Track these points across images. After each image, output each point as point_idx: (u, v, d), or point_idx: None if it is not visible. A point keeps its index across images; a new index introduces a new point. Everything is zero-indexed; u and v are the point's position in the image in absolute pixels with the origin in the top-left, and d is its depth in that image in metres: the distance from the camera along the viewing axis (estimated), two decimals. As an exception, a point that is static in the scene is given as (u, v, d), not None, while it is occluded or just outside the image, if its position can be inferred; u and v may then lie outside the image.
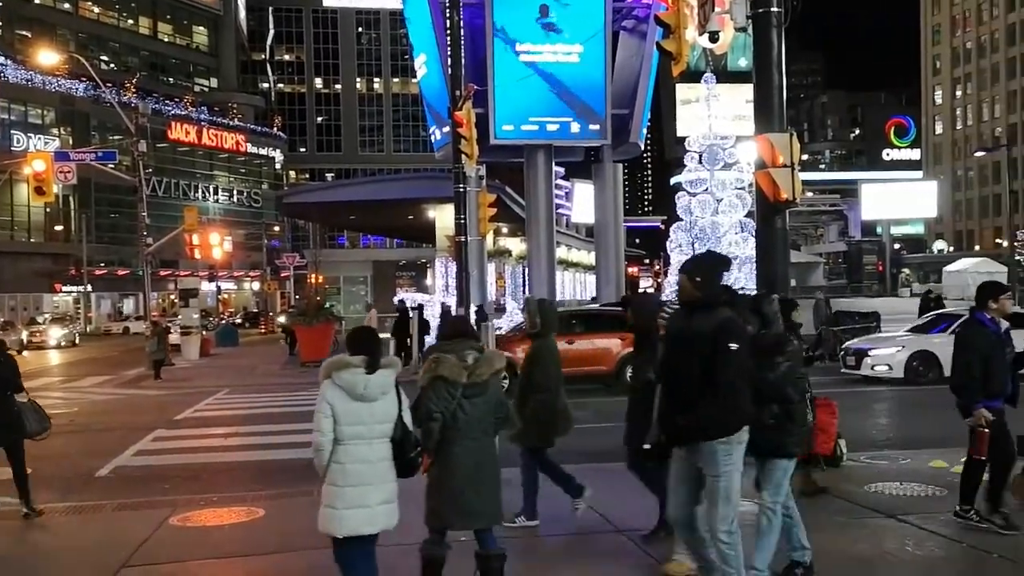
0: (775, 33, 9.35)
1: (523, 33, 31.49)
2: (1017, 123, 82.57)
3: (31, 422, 8.48)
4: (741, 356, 4.74)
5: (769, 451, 5.43)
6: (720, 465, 4.87)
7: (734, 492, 4.89)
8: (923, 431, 12.17)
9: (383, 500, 4.76)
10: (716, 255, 5.26)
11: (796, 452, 5.53)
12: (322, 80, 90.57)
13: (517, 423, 6.26)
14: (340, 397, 4.65)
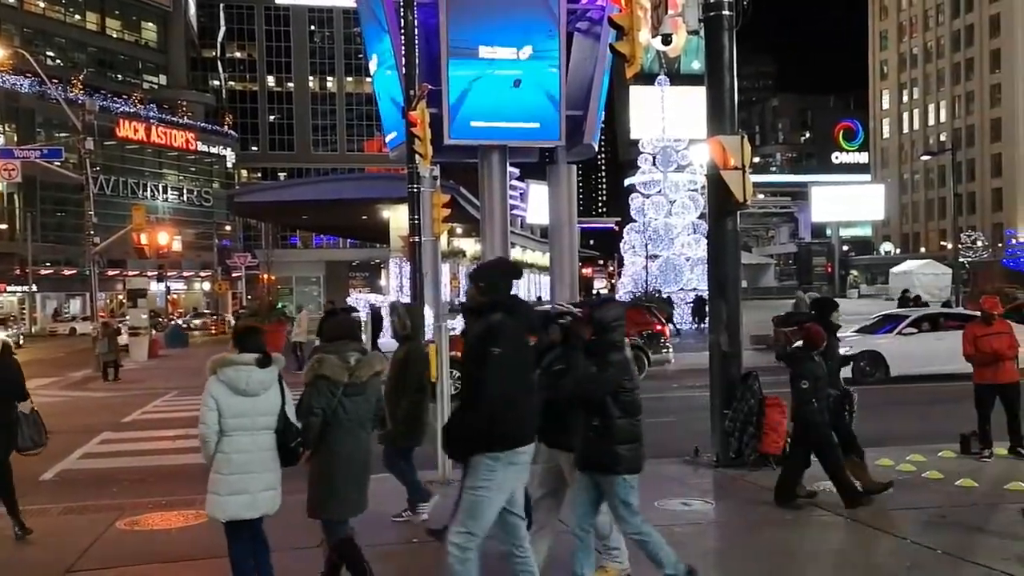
0: (727, 36, 9.46)
1: (477, 33, 31.47)
2: (961, 127, 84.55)
3: (25, 436, 7.64)
4: (506, 363, 4.50)
5: (584, 465, 5.28)
6: (478, 478, 4.60)
7: (485, 511, 4.62)
8: (870, 430, 12.35)
9: (265, 487, 5.14)
10: (504, 262, 5.06)
11: (619, 470, 5.19)
12: (274, 78, 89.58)
13: (388, 423, 6.38)
14: (224, 392, 5.02)
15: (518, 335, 4.66)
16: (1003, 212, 78.91)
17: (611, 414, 5.14)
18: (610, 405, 5.14)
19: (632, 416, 5.24)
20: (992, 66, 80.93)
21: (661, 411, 15.12)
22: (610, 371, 5.15)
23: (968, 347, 9.65)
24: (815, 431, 7.59)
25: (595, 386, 5.17)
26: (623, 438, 5.17)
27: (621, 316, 5.33)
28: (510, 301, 4.73)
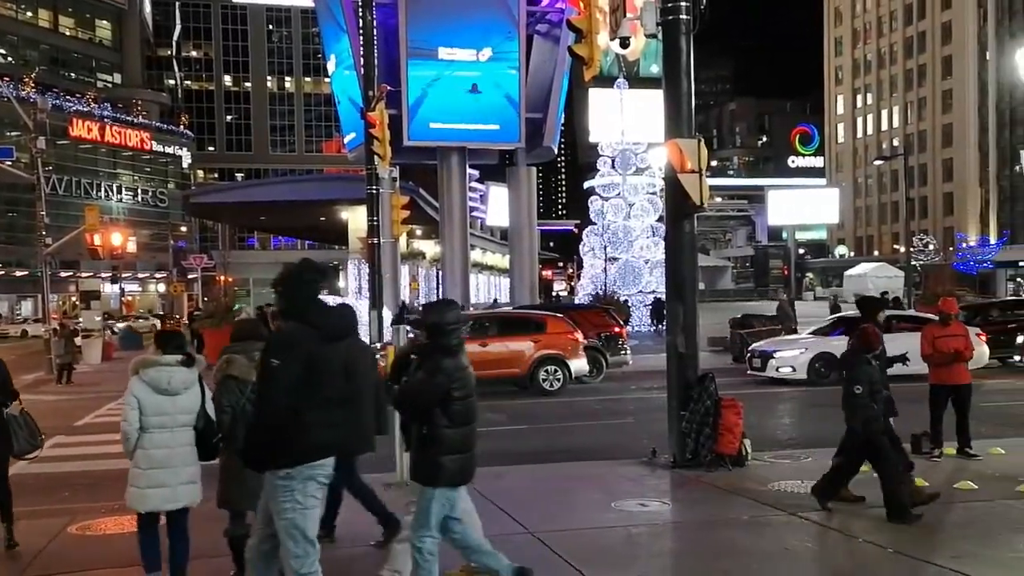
0: (684, 40, 9.53)
1: (437, 35, 31.43)
2: (914, 133, 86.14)
3: (20, 439, 7.29)
4: (289, 374, 4.32)
5: (412, 474, 5.14)
6: (279, 503, 4.46)
7: (306, 530, 4.49)
8: (824, 431, 12.53)
9: (185, 481, 5.45)
10: (304, 265, 4.75)
11: (439, 483, 4.99)
12: (231, 78, 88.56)
13: None
14: (146, 391, 5.33)
15: (310, 344, 4.40)
16: (954, 216, 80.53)
17: (437, 423, 4.90)
18: (437, 414, 4.89)
19: (462, 425, 4.98)
20: (944, 72, 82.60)
21: (619, 412, 15.23)
22: (438, 378, 4.88)
23: (927, 347, 9.82)
24: (873, 440, 7.23)
25: (419, 395, 4.96)
26: (449, 448, 4.93)
27: (457, 319, 5.04)
28: (304, 307, 4.52)
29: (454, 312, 5.09)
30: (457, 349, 5.02)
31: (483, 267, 66.45)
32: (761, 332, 22.66)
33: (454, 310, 5.13)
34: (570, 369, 17.63)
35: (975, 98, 78.18)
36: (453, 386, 4.91)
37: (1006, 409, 14.19)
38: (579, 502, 8.09)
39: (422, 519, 5.02)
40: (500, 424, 14.36)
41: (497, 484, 8.82)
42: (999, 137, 75.57)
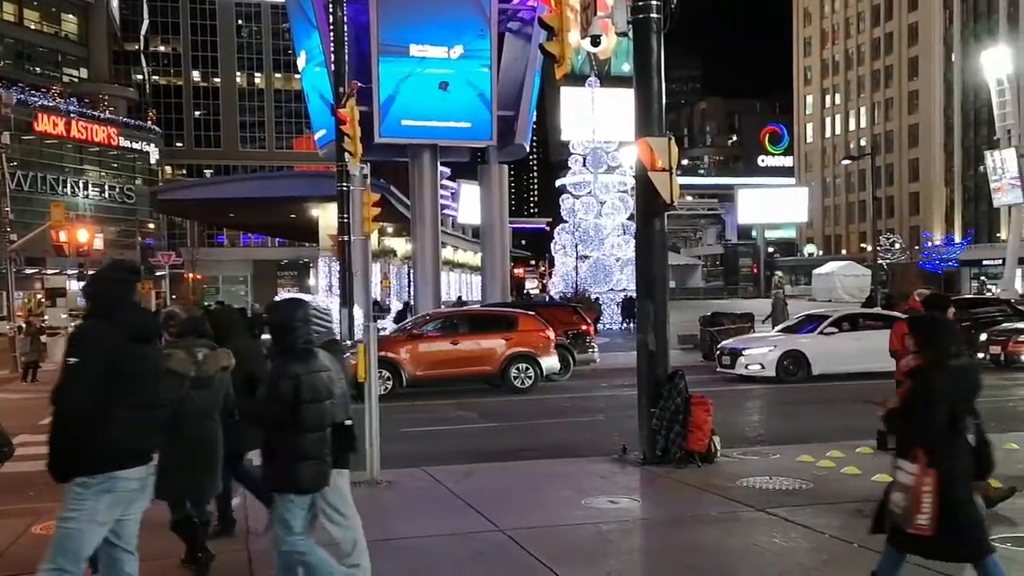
0: (655, 39, 9.57)
1: (408, 32, 31.32)
2: (881, 133, 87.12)
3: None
4: (88, 373, 4.15)
5: (267, 484, 5.02)
6: (66, 507, 4.26)
7: (75, 545, 4.29)
8: (792, 427, 12.70)
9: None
10: (114, 265, 4.60)
11: (292, 489, 4.86)
12: (200, 73, 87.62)
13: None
14: None
15: (113, 343, 4.23)
16: (920, 215, 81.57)
17: (289, 429, 4.78)
18: (288, 420, 4.75)
19: (314, 431, 4.84)
20: (910, 73, 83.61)
21: (590, 410, 15.28)
22: (283, 385, 4.72)
23: (896, 343, 9.90)
24: None
25: (265, 406, 4.83)
26: (303, 455, 4.80)
27: (305, 318, 4.88)
28: (110, 306, 4.35)
29: (302, 311, 4.92)
30: (305, 351, 4.85)
31: (454, 265, 66.35)
32: (730, 330, 22.83)
33: (302, 309, 4.96)
34: (541, 367, 17.65)
35: (941, 99, 79.23)
36: (302, 391, 4.73)
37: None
38: (549, 499, 8.10)
39: (286, 528, 4.88)
40: (471, 422, 14.37)
41: (467, 481, 8.83)
42: (964, 138, 76.67)
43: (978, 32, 73.37)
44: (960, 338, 4.93)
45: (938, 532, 4.48)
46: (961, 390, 4.61)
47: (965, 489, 4.57)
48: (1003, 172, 55.37)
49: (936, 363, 4.61)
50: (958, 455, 4.57)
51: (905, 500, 4.55)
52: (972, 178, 74.16)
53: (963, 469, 4.60)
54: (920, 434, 4.55)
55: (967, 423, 4.65)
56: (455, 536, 6.96)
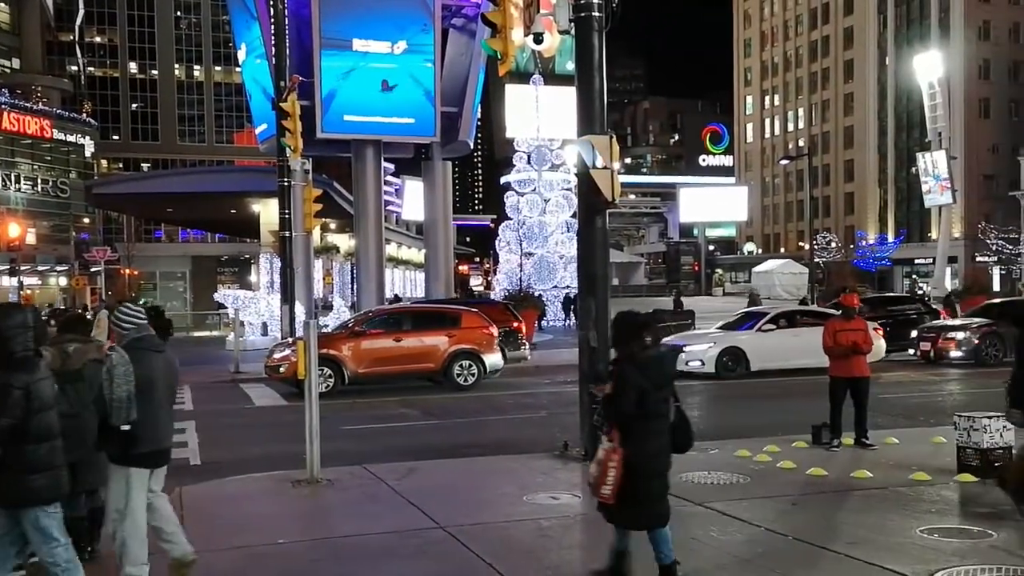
0: (596, 37, 9.62)
1: (351, 26, 31.04)
2: (818, 134, 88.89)
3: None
4: None
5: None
6: None
7: None
8: (730, 423, 12.89)
9: None
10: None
11: (34, 501, 4.70)
12: (137, 65, 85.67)
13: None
14: None
15: None
16: (854, 215, 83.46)
17: (18, 441, 4.59)
18: (18, 431, 4.57)
19: (45, 441, 4.71)
20: (846, 76, 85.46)
21: (532, 406, 15.34)
22: (12, 396, 4.54)
23: (828, 340, 10.14)
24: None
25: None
26: (35, 467, 4.65)
27: (23, 324, 4.69)
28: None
29: (20, 317, 4.73)
30: (26, 358, 4.68)
31: (398, 261, 66.00)
32: (671, 327, 23.10)
33: (21, 315, 4.75)
34: (485, 364, 17.63)
35: (875, 102, 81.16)
36: (29, 401, 4.59)
37: (901, 401, 14.79)
38: (491, 496, 8.11)
39: (44, 537, 4.74)
40: (413, 419, 14.31)
41: (409, 479, 8.79)
42: (897, 139, 78.64)
43: (910, 37, 75.32)
44: (656, 332, 5.57)
45: (620, 502, 5.13)
46: (651, 379, 5.20)
47: (649, 467, 5.19)
48: (934, 174, 56.88)
49: (627, 356, 5.27)
50: (646, 437, 5.18)
51: (596, 472, 5.20)
52: (905, 179, 76.11)
53: (651, 449, 5.20)
54: (614, 417, 5.23)
55: (662, 408, 5.26)
56: (396, 534, 6.93)
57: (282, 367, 17.02)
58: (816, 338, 10.74)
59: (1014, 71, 70.84)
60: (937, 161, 62.69)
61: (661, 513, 5.30)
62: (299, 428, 9.01)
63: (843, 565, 5.94)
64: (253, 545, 6.72)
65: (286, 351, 17.33)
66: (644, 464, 5.16)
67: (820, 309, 20.54)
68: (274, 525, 7.36)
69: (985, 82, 71.68)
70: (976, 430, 8.22)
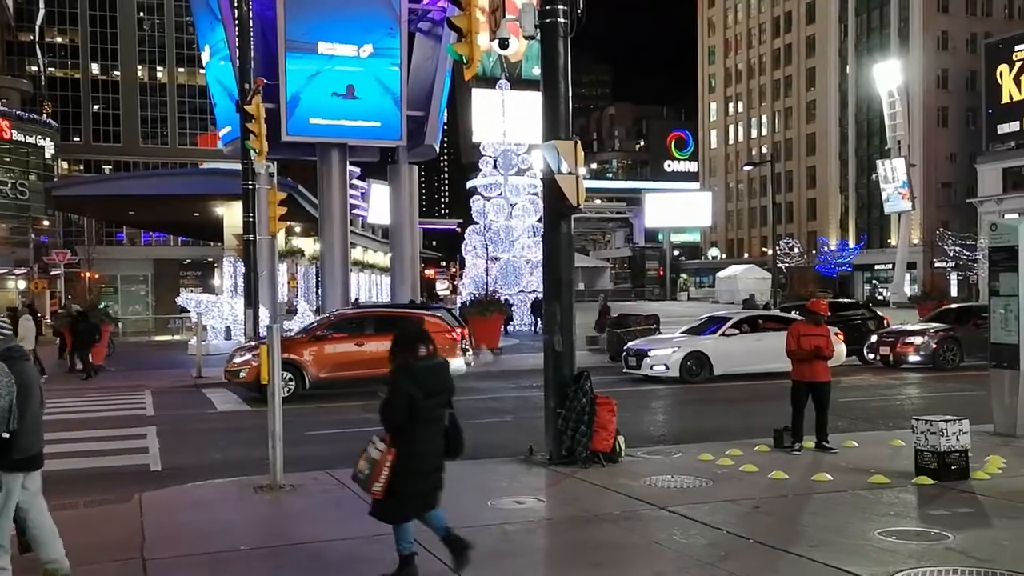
0: (562, 43, 9.67)
1: (316, 28, 30.87)
2: (781, 141, 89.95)
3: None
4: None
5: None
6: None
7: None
8: (694, 427, 12.99)
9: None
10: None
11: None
12: (99, 66, 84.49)
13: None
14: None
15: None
16: (816, 221, 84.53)
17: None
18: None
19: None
20: (808, 84, 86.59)
21: (498, 411, 15.34)
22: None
23: (792, 343, 10.26)
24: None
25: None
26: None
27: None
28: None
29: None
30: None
31: (364, 265, 65.66)
32: (636, 331, 23.22)
33: None
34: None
35: (836, 109, 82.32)
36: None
37: (861, 404, 15.00)
38: (455, 501, 8.06)
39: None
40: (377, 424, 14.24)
41: (373, 485, 8.75)
42: (858, 147, 79.81)
43: (871, 46, 76.53)
44: (431, 344, 5.88)
45: (387, 497, 5.58)
46: (423, 387, 5.60)
47: (415, 467, 5.62)
48: (893, 181, 57.71)
49: (401, 365, 5.70)
50: (415, 440, 5.60)
51: (368, 469, 5.61)
52: (865, 186, 77.27)
53: (419, 451, 5.63)
54: (388, 421, 5.63)
55: (433, 415, 5.68)
56: (359, 540, 6.89)
57: (242, 372, 16.86)
58: (779, 343, 10.87)
59: (971, 81, 72.20)
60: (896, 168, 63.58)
61: (416, 508, 5.75)
62: (262, 433, 8.94)
63: (803, 567, 6.01)
64: (215, 551, 6.65)
65: (247, 355, 17.16)
66: (411, 464, 5.58)
67: (783, 314, 20.74)
68: (237, 531, 7.28)
69: (943, 91, 73.01)
70: (933, 433, 8.36)
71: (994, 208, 62.72)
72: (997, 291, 10.80)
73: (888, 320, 24.72)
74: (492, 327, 28.91)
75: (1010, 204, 62.38)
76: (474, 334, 28.88)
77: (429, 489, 5.79)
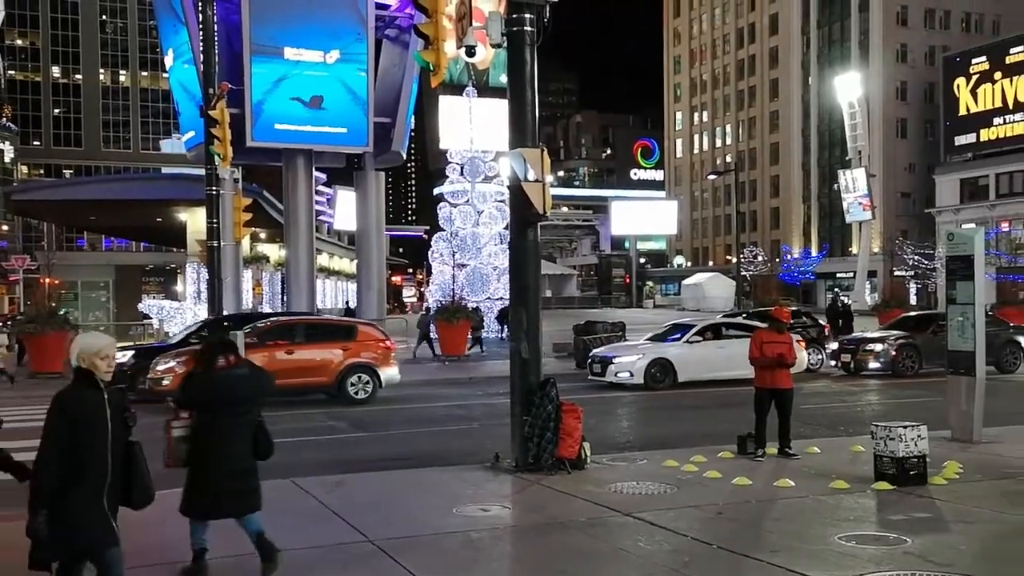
0: (528, 51, 9.72)
1: (282, 34, 30.71)
2: (745, 150, 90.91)
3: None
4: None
5: None
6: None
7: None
8: (658, 433, 13.07)
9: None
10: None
11: None
12: (60, 69, 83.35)
13: None
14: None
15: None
16: (780, 229, 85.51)
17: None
18: None
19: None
20: (771, 95, 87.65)
21: (465, 418, 15.32)
22: None
23: (755, 351, 10.37)
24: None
25: None
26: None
27: None
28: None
29: None
30: None
31: (330, 272, 65.30)
32: (601, 338, 23.31)
33: None
34: (380, 378, 17.16)
35: (799, 120, 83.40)
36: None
37: (822, 411, 15.19)
38: (420, 509, 8.08)
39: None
40: (342, 432, 14.17)
41: (337, 492, 8.70)
42: (820, 157, 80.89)
43: (832, 58, 77.67)
44: (232, 354, 6.14)
45: (186, 492, 6.05)
46: (221, 395, 5.92)
47: (209, 468, 5.93)
48: (854, 191, 58.51)
49: (196, 373, 6.10)
50: (209, 445, 5.92)
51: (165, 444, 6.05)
52: (827, 195, 78.31)
53: (214, 451, 5.90)
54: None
55: (241, 420, 5.97)
56: (322, 548, 6.85)
57: (165, 379, 16.03)
58: (741, 350, 10.97)
59: (929, 93, 73.55)
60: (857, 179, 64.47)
61: (207, 508, 6.01)
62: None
63: (765, 573, 6.07)
64: (175, 562, 6.55)
65: (171, 363, 16.41)
66: (206, 465, 5.91)
67: (747, 322, 20.92)
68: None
69: (902, 103, 74.29)
70: (892, 439, 8.49)
71: (951, 218, 63.92)
72: (954, 299, 11.00)
73: (828, 328, 25.01)
74: (459, 334, 28.90)
75: (967, 214, 63.62)
76: (441, 341, 28.94)
77: (226, 491, 5.97)
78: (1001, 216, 62.57)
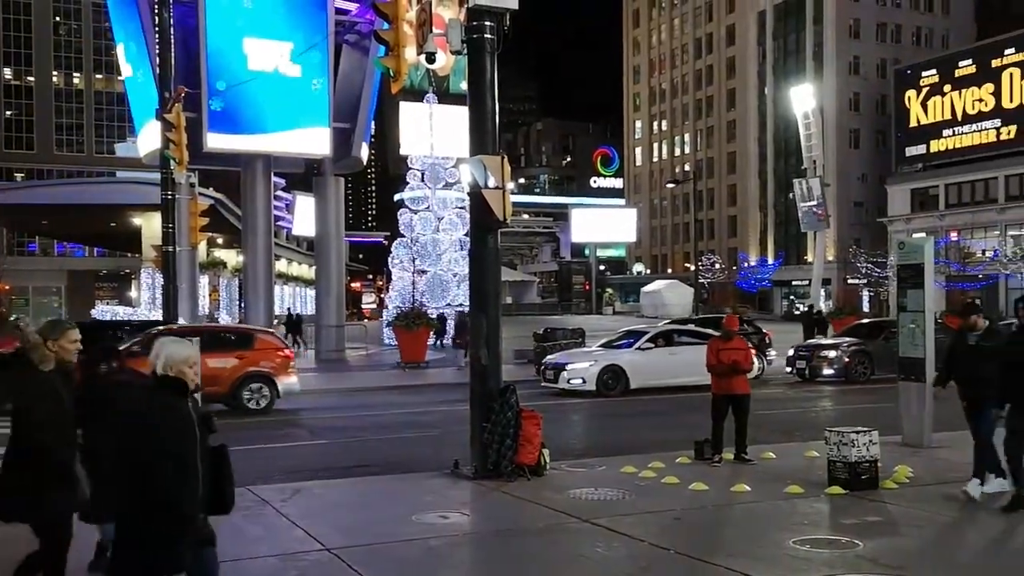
0: (488, 58, 9.75)
1: (240, 38, 30.40)
2: (703, 159, 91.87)
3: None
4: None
5: None
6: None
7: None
8: (616, 439, 13.14)
9: None
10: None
11: None
12: (12, 70, 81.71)
13: None
14: None
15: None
16: (737, 238, 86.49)
17: None
18: None
19: None
20: (728, 104, 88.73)
21: (425, 424, 15.28)
22: None
23: (711, 358, 10.52)
24: None
25: None
26: None
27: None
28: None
29: None
30: None
31: (288, 278, 64.77)
32: (561, 344, 23.37)
33: None
34: (278, 387, 16.78)
35: (755, 129, 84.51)
36: None
37: (778, 417, 15.39)
38: (379, 516, 8.04)
39: None
40: (301, 439, 14.07)
41: (294, 500, 8.63)
42: (776, 166, 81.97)
43: (787, 69, 78.81)
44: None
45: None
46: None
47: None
48: (809, 200, 59.38)
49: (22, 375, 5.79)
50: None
51: None
52: (783, 204, 79.32)
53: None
54: None
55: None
56: (279, 557, 6.79)
57: None
58: (693, 357, 11.11)
59: (881, 104, 74.94)
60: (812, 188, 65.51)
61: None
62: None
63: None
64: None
65: None
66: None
67: (699, 329, 21.07)
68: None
69: (855, 114, 75.64)
70: (845, 444, 8.64)
71: (903, 227, 65.12)
72: (905, 307, 11.22)
73: (770, 336, 25.23)
74: (418, 340, 28.83)
75: (918, 223, 64.85)
76: (401, 347, 28.84)
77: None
78: (950, 226, 63.90)
